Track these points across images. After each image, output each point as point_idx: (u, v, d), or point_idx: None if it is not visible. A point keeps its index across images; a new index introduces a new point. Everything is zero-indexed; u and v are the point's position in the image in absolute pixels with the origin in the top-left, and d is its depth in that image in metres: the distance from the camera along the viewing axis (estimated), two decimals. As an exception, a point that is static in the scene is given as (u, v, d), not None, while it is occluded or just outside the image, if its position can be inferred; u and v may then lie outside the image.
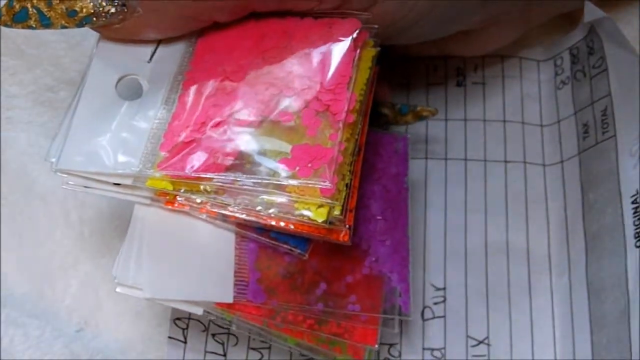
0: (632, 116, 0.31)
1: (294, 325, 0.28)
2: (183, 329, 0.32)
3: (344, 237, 0.26)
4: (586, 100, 0.34)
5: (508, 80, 0.37)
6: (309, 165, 0.25)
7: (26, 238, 0.35)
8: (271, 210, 0.25)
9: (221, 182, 0.25)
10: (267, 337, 0.29)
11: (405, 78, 0.37)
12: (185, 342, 0.32)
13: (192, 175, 0.26)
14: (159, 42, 0.27)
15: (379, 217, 0.30)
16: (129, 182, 0.26)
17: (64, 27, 0.25)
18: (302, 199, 0.25)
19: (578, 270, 0.32)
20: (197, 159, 0.26)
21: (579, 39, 0.36)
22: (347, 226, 0.26)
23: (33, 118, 0.36)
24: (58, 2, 0.25)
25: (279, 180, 0.25)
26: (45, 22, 0.25)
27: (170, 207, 0.26)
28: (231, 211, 0.26)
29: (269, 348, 0.32)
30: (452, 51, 0.35)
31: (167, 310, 0.32)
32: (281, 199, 0.25)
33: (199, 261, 0.27)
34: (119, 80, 0.27)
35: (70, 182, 0.26)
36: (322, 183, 0.25)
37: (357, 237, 0.29)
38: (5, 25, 0.25)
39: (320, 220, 0.25)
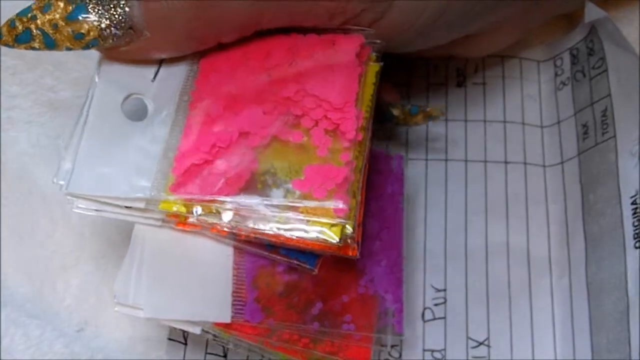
0: (632, 117, 0.31)
1: (289, 345, 0.28)
2: (183, 331, 0.32)
3: (353, 252, 0.26)
4: (586, 101, 0.34)
5: (508, 80, 0.37)
6: (322, 185, 0.25)
7: (26, 238, 0.34)
8: (284, 230, 0.25)
9: (235, 205, 0.25)
10: (261, 353, 0.29)
11: (405, 78, 0.37)
12: (185, 344, 0.32)
13: (206, 198, 0.25)
14: (161, 61, 0.27)
15: (375, 237, 0.30)
16: (141, 205, 0.26)
17: (69, 49, 0.25)
18: (316, 218, 0.25)
19: (578, 271, 0.32)
20: (210, 181, 0.26)
21: (579, 39, 0.36)
22: (356, 242, 0.26)
23: (33, 118, 0.36)
24: (64, 24, 0.24)
25: (292, 202, 0.25)
26: (49, 44, 0.25)
27: (181, 227, 0.26)
28: (244, 231, 0.26)
29: (270, 349, 0.32)
30: (455, 54, 0.35)
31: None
32: (294, 218, 0.25)
33: (198, 281, 0.27)
34: (124, 99, 0.27)
35: (80, 206, 0.26)
36: (336, 204, 0.25)
37: None
38: (7, 45, 0.25)
39: (334, 240, 0.25)
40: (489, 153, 0.36)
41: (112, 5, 0.24)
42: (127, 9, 0.24)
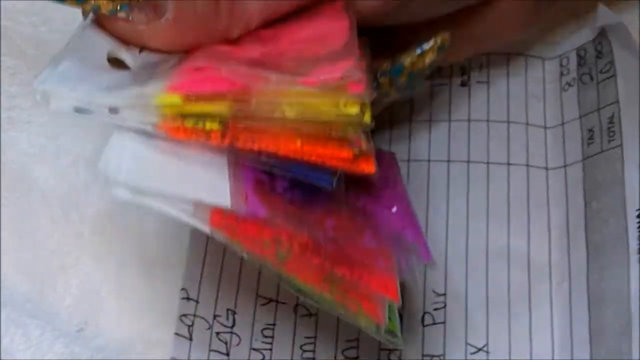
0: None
1: (302, 261, 0.25)
2: (189, 326, 0.32)
3: (368, 166, 0.23)
4: (592, 105, 0.34)
5: (513, 79, 0.37)
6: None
7: (26, 238, 0.35)
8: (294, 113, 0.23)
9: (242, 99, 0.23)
10: (276, 279, 0.27)
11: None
12: (191, 340, 0.32)
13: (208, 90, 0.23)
14: None
15: (378, 194, 0.28)
16: (130, 100, 0.23)
17: (96, 8, 0.24)
18: (330, 95, 0.23)
19: (579, 279, 0.32)
20: (214, 78, 0.23)
21: (587, 40, 0.35)
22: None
23: (33, 118, 0.36)
24: None
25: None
26: None
27: (174, 137, 0.24)
28: (250, 139, 0.23)
29: (271, 349, 0.32)
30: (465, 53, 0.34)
31: (168, 310, 0.32)
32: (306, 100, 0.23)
33: (191, 171, 0.24)
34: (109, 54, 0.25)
35: (53, 104, 0.23)
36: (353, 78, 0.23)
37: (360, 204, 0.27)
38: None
39: (353, 112, 0.22)
40: (492, 154, 0.36)
41: None
42: None
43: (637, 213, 0.30)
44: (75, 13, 0.26)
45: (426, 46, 0.29)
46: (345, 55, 0.24)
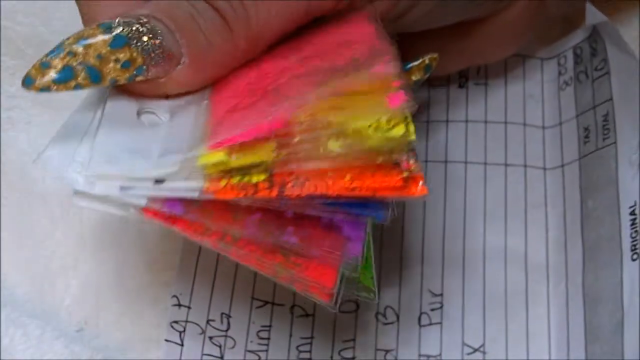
0: (633, 124, 0.31)
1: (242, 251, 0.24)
2: (180, 332, 0.32)
3: (419, 189, 0.22)
4: (588, 103, 0.34)
5: (510, 80, 0.37)
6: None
7: (26, 238, 0.35)
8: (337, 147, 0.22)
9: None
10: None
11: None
12: (182, 345, 0.32)
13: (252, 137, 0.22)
14: None
15: None
16: (174, 169, 0.23)
17: (114, 81, 0.23)
18: (363, 113, 0.22)
19: (575, 279, 0.32)
20: (253, 120, 0.23)
21: (582, 38, 0.35)
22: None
23: (33, 118, 0.36)
24: (108, 53, 0.23)
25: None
26: (95, 78, 0.23)
27: (223, 198, 0.23)
28: (298, 184, 0.22)
29: (267, 350, 0.32)
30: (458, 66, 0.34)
31: (168, 310, 0.33)
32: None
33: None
34: (140, 112, 0.25)
35: (100, 186, 0.23)
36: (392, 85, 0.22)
37: None
38: (43, 90, 0.23)
39: (398, 133, 0.21)
40: (489, 155, 0.36)
41: (143, 33, 0.23)
42: (156, 34, 0.23)
43: (630, 210, 0.30)
44: (75, 13, 0.26)
45: (413, 64, 0.30)
46: (381, 55, 0.23)
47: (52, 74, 0.23)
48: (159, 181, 0.23)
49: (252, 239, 0.24)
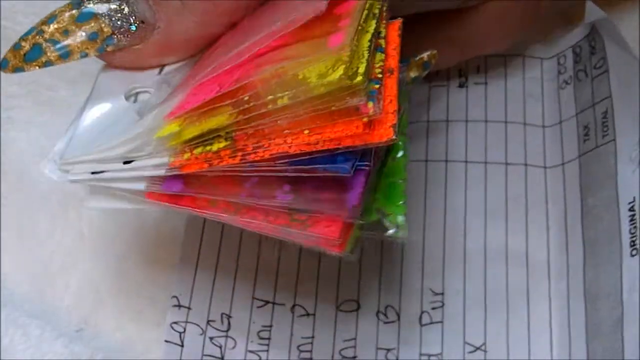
0: (632, 121, 0.31)
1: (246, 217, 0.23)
2: (180, 333, 0.32)
3: (385, 132, 0.21)
4: (587, 101, 0.34)
5: (510, 79, 0.37)
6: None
7: (26, 238, 0.35)
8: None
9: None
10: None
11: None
12: (182, 346, 0.32)
13: (200, 105, 0.22)
14: None
15: None
16: (136, 143, 0.23)
17: (84, 55, 0.24)
18: (306, 58, 0.21)
19: (576, 277, 0.32)
20: (204, 86, 0.22)
21: (581, 37, 0.35)
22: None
23: (33, 118, 0.36)
24: (75, 27, 0.24)
25: None
26: (63, 54, 0.24)
27: (189, 172, 0.23)
28: (260, 148, 0.22)
29: (267, 350, 0.32)
30: (449, 59, 0.34)
31: (168, 310, 0.33)
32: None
33: None
34: (128, 93, 0.25)
35: (76, 172, 0.24)
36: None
37: None
38: (17, 69, 0.24)
39: (335, 77, 0.20)
40: (490, 154, 0.36)
41: (116, 2, 0.24)
42: (130, 2, 0.24)
43: (629, 206, 0.30)
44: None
45: (412, 60, 0.29)
46: None
47: (21, 53, 0.24)
48: (127, 162, 0.23)
49: (253, 204, 0.23)
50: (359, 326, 0.33)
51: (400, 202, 0.25)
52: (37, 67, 0.24)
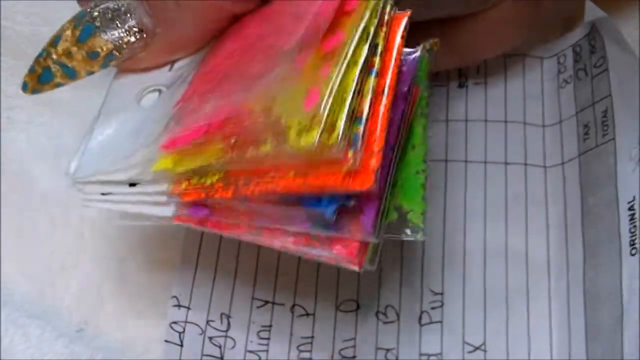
0: (632, 120, 0.31)
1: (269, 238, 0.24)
2: (179, 333, 0.32)
3: (363, 182, 0.21)
4: (587, 100, 0.34)
5: (510, 79, 0.37)
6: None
7: (26, 238, 0.35)
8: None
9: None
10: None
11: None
12: (181, 346, 0.32)
13: (192, 142, 0.22)
14: None
15: None
16: (137, 171, 0.23)
17: (89, 73, 0.25)
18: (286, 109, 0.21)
19: (576, 276, 0.32)
20: (199, 113, 0.23)
21: (581, 36, 0.35)
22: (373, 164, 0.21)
23: (33, 118, 0.36)
24: (77, 49, 0.24)
25: None
26: (70, 74, 0.25)
27: (186, 200, 0.23)
28: (252, 184, 0.22)
29: (267, 350, 0.32)
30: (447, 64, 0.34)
31: (168, 310, 0.33)
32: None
33: None
34: (141, 92, 0.26)
35: (87, 191, 0.25)
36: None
37: None
38: (35, 91, 0.25)
39: (308, 143, 0.20)
40: (489, 153, 0.36)
41: (116, 15, 0.24)
42: (131, 12, 0.24)
43: (629, 205, 0.30)
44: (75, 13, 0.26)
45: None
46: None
47: (35, 77, 0.25)
48: (132, 184, 0.24)
49: (273, 227, 0.23)
50: (359, 326, 0.33)
51: (420, 198, 0.25)
52: (53, 88, 0.25)
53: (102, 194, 0.24)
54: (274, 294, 0.33)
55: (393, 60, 0.23)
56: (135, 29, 0.24)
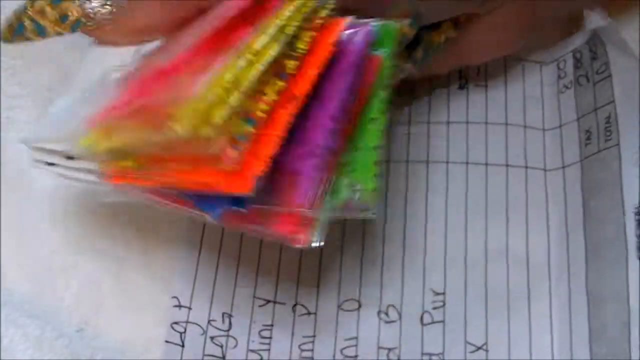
0: (635, 125, 0.31)
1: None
2: (180, 333, 0.32)
3: (242, 185, 0.20)
4: (589, 106, 0.34)
5: (510, 82, 0.37)
6: None
7: (26, 238, 0.34)
8: None
9: None
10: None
11: (408, 84, 0.37)
12: (182, 346, 0.32)
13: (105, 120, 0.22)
14: None
15: None
16: (68, 144, 0.24)
17: (58, 34, 0.25)
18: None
19: (578, 278, 0.32)
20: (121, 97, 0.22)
21: (582, 42, 0.36)
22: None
23: (33, 118, 0.36)
24: (50, 9, 0.25)
25: None
26: (40, 32, 0.25)
27: (117, 184, 0.23)
28: (158, 174, 0.22)
29: (269, 350, 0.32)
30: (447, 66, 0.34)
31: (168, 310, 0.33)
32: None
33: None
34: (109, 70, 0.26)
35: (35, 157, 0.26)
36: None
37: None
38: (6, 41, 0.26)
39: (179, 130, 0.19)
40: (490, 156, 0.36)
41: None
42: None
43: (635, 210, 0.30)
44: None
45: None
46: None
47: (11, 29, 0.26)
48: (69, 157, 0.24)
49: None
50: (360, 325, 0.33)
51: (372, 175, 0.24)
52: (21, 41, 0.26)
53: (48, 163, 0.25)
54: (276, 293, 0.33)
55: (315, 68, 0.22)
56: (105, 1, 0.25)
